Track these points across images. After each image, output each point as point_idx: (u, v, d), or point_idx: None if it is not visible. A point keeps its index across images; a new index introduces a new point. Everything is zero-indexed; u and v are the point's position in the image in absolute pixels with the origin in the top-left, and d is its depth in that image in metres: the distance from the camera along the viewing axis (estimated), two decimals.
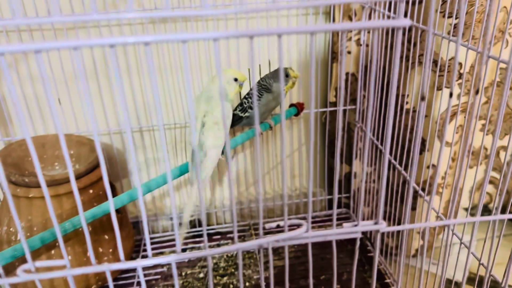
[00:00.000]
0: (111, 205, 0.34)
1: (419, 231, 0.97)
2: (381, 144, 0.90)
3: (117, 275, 0.90)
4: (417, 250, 0.99)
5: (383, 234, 0.98)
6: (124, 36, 0.28)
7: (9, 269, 0.73)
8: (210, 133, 0.72)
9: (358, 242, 0.38)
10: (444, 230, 0.84)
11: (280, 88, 0.83)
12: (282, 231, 0.36)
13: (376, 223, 0.36)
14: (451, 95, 0.38)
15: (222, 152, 0.75)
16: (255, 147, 0.31)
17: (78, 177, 0.78)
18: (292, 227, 0.37)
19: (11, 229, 0.78)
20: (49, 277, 0.33)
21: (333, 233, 0.35)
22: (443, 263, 0.60)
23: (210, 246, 1.03)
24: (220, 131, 0.73)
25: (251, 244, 0.35)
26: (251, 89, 0.86)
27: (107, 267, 0.33)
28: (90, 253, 0.33)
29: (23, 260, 0.76)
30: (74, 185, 0.33)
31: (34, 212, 0.76)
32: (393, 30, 0.84)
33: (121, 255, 0.34)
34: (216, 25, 0.91)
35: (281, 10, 0.92)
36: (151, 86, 0.94)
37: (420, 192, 0.78)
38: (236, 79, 0.78)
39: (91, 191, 0.80)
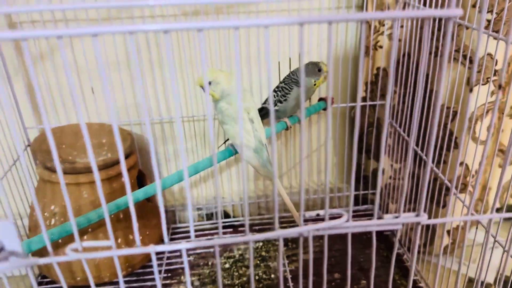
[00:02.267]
0: (158, 190, 0.35)
1: (449, 230, 0.96)
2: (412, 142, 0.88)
3: (145, 262, 0.92)
4: (444, 249, 0.97)
5: (409, 231, 0.97)
6: (178, 22, 0.29)
7: (42, 253, 0.75)
8: (259, 127, 0.74)
9: (398, 234, 0.38)
10: (476, 228, 0.82)
11: (310, 82, 0.83)
12: (321, 221, 0.36)
13: (417, 215, 0.36)
14: (500, 86, 0.37)
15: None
16: (300, 139, 0.31)
17: (111, 165, 0.80)
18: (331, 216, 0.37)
19: (45, 213, 0.80)
20: (95, 257, 0.34)
21: (374, 224, 0.35)
22: (479, 262, 0.59)
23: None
24: (260, 123, 0.75)
25: (292, 231, 0.35)
26: (280, 83, 0.86)
27: (153, 249, 0.34)
28: (136, 235, 0.34)
29: (56, 245, 0.78)
30: (95, 174, 0.34)
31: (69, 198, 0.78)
32: (422, 21, 0.82)
33: (165, 237, 0.35)
34: (246, 18, 0.91)
35: (313, 3, 0.92)
36: (202, 73, 0.95)
37: (454, 190, 0.76)
38: (320, 70, 0.79)
39: (123, 179, 0.82)
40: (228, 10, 0.90)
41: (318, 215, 0.36)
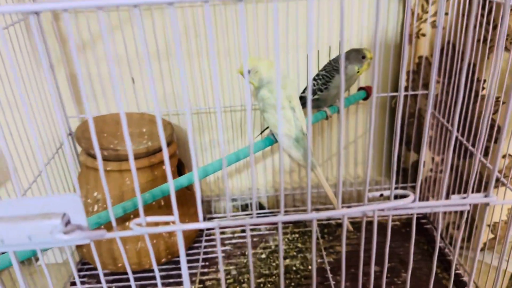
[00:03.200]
0: (195, 177, 0.34)
1: (489, 224, 0.93)
2: (457, 131, 0.86)
3: (185, 250, 0.92)
4: (485, 244, 0.94)
5: (449, 225, 0.94)
6: None
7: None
8: (300, 115, 0.73)
9: (465, 216, 0.36)
10: None
11: (353, 70, 0.81)
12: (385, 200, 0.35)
13: (486, 196, 0.34)
14: None
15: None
16: (339, 128, 0.30)
17: (153, 152, 0.81)
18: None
19: (88, 200, 0.82)
20: (159, 231, 0.34)
21: (441, 205, 0.34)
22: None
23: (269, 229, 1.03)
24: (301, 112, 0.74)
25: (356, 210, 0.35)
26: (320, 71, 0.85)
27: (217, 223, 0.34)
28: (199, 212, 0.34)
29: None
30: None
31: (111, 185, 0.79)
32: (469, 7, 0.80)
33: (200, 216, 0.34)
34: (265, 7, 0.90)
35: None
36: (242, 61, 0.95)
37: (503, 179, 0.74)
38: (364, 57, 0.78)
39: (163, 167, 0.83)
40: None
41: (381, 195, 0.35)
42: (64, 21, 0.89)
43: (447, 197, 0.98)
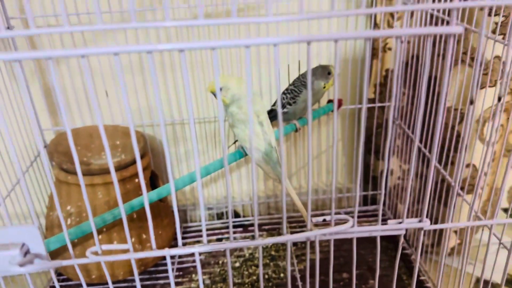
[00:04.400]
0: (173, 193, 0.36)
1: (456, 230, 0.97)
2: (420, 142, 0.89)
3: (158, 261, 0.94)
4: (452, 249, 0.98)
5: (417, 231, 0.98)
6: (194, 42, 0.31)
7: (59, 252, 0.78)
8: (268, 129, 0.75)
9: (401, 239, 0.39)
10: (482, 229, 0.83)
11: (319, 85, 0.84)
12: (327, 225, 0.38)
13: (420, 221, 0.37)
14: (499, 99, 0.38)
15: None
16: (308, 141, 0.33)
17: (124, 166, 0.82)
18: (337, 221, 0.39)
19: (62, 214, 0.83)
20: (114, 260, 0.36)
21: (379, 229, 0.37)
22: (483, 264, 0.60)
23: (245, 237, 1.05)
24: (269, 126, 0.76)
25: (300, 236, 0.37)
26: (289, 85, 0.88)
27: (168, 252, 0.36)
28: (152, 238, 0.36)
29: (72, 244, 0.81)
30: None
31: (83, 199, 0.81)
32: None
33: (179, 241, 0.37)
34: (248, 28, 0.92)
35: (323, 4, 0.93)
36: (212, 79, 0.97)
37: (459, 191, 0.77)
38: (329, 73, 0.82)
39: (136, 180, 0.84)
40: (239, 14, 0.92)
41: (324, 220, 0.38)
42: (48, 69, 0.90)
43: (416, 204, 1.01)
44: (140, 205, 0.70)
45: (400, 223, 0.37)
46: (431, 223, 0.93)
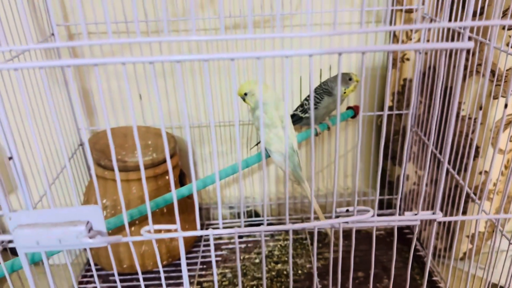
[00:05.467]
0: (194, 189, 0.42)
1: (468, 235, 1.00)
2: (436, 148, 0.94)
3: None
4: (465, 254, 1.02)
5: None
6: (242, 52, 0.36)
7: None
8: (291, 134, 0.81)
9: (416, 229, 0.44)
10: (494, 235, 0.87)
11: (340, 91, 0.89)
12: (351, 216, 0.43)
13: (433, 213, 0.42)
14: (506, 106, 0.43)
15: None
16: (335, 143, 0.38)
17: (157, 164, 0.88)
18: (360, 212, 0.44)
19: None
20: (164, 237, 0.42)
21: (396, 219, 0.42)
22: (492, 265, 0.64)
23: (265, 235, 1.11)
24: (291, 130, 0.82)
25: (325, 223, 0.42)
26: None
27: (211, 232, 0.42)
28: (197, 220, 0.42)
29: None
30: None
31: (118, 193, 0.87)
32: (448, 36, 0.88)
33: (220, 223, 0.42)
34: (264, 41, 0.98)
35: (343, 17, 0.99)
36: (241, 83, 1.02)
37: (472, 195, 0.81)
38: (350, 79, 0.87)
39: (167, 177, 0.91)
40: (265, 24, 0.98)
41: (347, 210, 0.43)
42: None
43: (430, 209, 1.05)
44: (171, 199, 0.76)
45: (416, 214, 0.42)
46: (445, 228, 0.97)
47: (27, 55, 0.87)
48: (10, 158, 0.40)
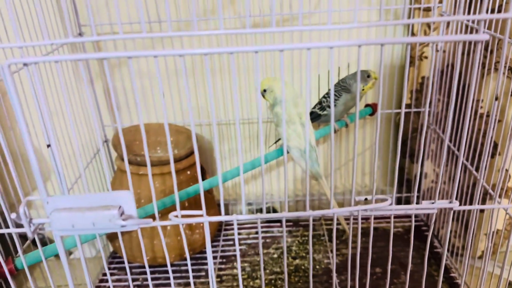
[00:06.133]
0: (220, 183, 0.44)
1: (486, 233, 1.00)
2: (454, 146, 0.94)
3: (203, 248, 1.02)
4: (483, 252, 1.02)
5: (451, 232, 1.02)
6: (267, 45, 0.38)
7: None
8: (309, 130, 0.83)
9: (433, 218, 0.45)
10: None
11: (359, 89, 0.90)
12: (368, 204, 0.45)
13: (450, 202, 0.43)
14: None
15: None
16: (354, 140, 0.39)
17: (178, 159, 0.91)
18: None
19: None
20: (191, 222, 0.44)
21: (413, 208, 0.43)
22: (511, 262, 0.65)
23: (281, 231, 1.12)
24: (310, 126, 0.83)
25: (344, 210, 0.44)
26: (329, 90, 0.95)
27: (235, 217, 0.44)
28: (221, 206, 0.44)
29: None
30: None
31: (143, 187, 0.90)
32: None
33: (243, 209, 0.44)
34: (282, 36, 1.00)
35: (361, 16, 1.00)
36: (262, 80, 1.05)
37: (490, 191, 0.82)
38: (368, 76, 0.88)
39: (188, 172, 0.93)
40: (284, 23, 1.00)
41: (366, 199, 0.45)
42: (105, 70, 1.01)
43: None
44: (194, 192, 0.78)
45: (433, 203, 0.44)
46: (463, 226, 0.97)
47: (56, 53, 0.91)
48: (49, 145, 0.43)
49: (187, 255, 0.48)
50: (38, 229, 0.47)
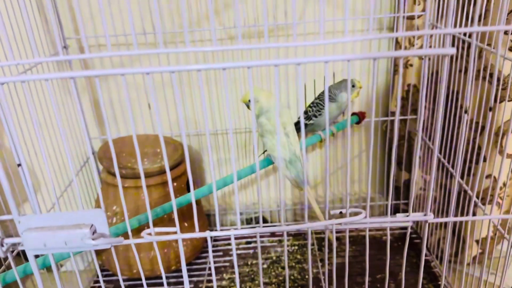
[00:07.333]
0: (214, 192, 0.44)
1: (478, 240, 1.00)
2: (440, 152, 0.94)
3: (191, 259, 1.01)
4: (474, 258, 1.01)
5: (440, 240, 1.02)
6: (258, 60, 0.38)
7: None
8: (294, 140, 0.82)
9: (409, 230, 0.45)
10: (502, 240, 0.86)
11: (344, 98, 0.90)
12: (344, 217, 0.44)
13: (425, 215, 0.43)
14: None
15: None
16: (347, 147, 0.39)
17: (165, 171, 0.91)
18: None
19: (108, 213, 0.92)
20: (164, 239, 0.44)
21: (388, 220, 0.43)
22: (501, 269, 0.64)
23: (271, 241, 1.12)
24: (295, 137, 0.83)
25: (319, 224, 0.44)
26: (315, 99, 0.95)
27: (208, 234, 0.44)
28: (196, 223, 0.44)
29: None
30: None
31: (128, 199, 0.90)
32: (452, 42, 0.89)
33: (218, 224, 0.44)
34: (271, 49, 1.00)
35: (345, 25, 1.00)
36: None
37: (475, 199, 0.81)
38: (353, 85, 0.89)
39: (175, 184, 0.93)
40: (276, 32, 1.00)
41: (341, 212, 0.45)
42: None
43: (440, 213, 1.05)
44: (180, 204, 0.78)
45: (407, 215, 0.43)
46: (455, 235, 0.96)
47: (40, 67, 0.90)
48: (19, 165, 0.43)
49: (162, 269, 0.48)
50: (11, 248, 0.47)
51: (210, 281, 0.99)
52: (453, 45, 0.90)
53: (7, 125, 0.40)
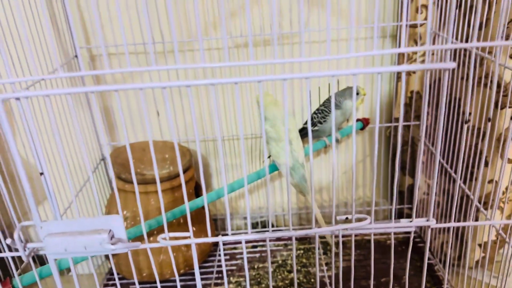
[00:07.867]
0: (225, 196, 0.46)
1: (480, 244, 1.01)
2: (443, 158, 0.96)
3: (201, 263, 1.04)
4: (477, 262, 1.03)
5: (443, 244, 1.03)
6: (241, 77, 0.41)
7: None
8: (297, 147, 0.84)
9: (412, 235, 0.47)
10: (505, 244, 0.88)
11: (348, 105, 0.92)
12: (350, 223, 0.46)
13: (427, 220, 0.45)
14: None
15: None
16: (353, 154, 0.41)
17: (173, 177, 0.93)
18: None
19: None
20: (178, 244, 0.46)
21: (392, 226, 0.45)
22: (503, 273, 0.66)
23: (277, 245, 1.14)
24: (299, 144, 0.85)
25: (326, 229, 0.46)
26: (320, 106, 0.97)
27: (220, 238, 0.46)
28: (208, 227, 0.46)
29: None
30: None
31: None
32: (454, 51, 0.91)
33: (229, 229, 0.46)
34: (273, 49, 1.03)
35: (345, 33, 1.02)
36: (256, 95, 1.07)
37: (477, 204, 0.83)
38: (357, 93, 0.91)
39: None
40: (264, 43, 1.02)
41: (347, 218, 0.47)
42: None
43: (442, 218, 1.06)
44: (189, 209, 0.80)
45: (411, 221, 0.45)
46: (457, 239, 0.98)
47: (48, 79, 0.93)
48: (41, 173, 0.45)
49: (176, 275, 0.50)
50: (33, 253, 0.49)
51: (217, 284, 1.01)
52: (454, 53, 0.92)
53: (31, 136, 0.42)
